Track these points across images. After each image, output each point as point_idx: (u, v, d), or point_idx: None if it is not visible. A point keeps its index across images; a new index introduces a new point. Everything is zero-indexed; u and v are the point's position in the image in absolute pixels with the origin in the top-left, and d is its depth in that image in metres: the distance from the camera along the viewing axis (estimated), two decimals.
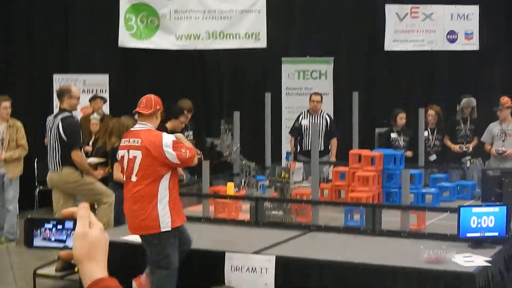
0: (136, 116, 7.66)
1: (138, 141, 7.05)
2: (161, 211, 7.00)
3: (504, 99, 12.19)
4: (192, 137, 11.67)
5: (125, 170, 7.18)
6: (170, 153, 6.94)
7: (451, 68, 15.40)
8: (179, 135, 7.61)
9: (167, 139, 7.04)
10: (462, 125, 12.62)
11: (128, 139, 7.19)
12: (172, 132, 10.70)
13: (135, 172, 7.05)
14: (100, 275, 1.99)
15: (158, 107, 7.25)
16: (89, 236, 2.00)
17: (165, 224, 7.02)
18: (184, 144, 7.18)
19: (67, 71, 14.48)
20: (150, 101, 7.27)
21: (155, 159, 6.97)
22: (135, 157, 7.03)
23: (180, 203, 7.40)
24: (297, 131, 12.49)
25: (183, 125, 10.94)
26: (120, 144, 7.38)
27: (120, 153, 7.26)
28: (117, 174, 9.68)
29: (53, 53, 14.81)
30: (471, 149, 12.44)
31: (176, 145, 7.01)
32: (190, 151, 7.10)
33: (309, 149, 10.50)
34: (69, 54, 14.90)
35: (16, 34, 14.73)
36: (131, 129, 7.39)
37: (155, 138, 7.03)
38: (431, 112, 12.74)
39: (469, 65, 15.25)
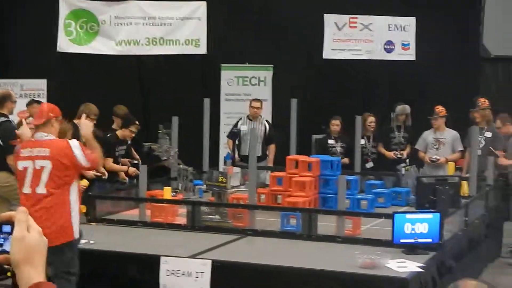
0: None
1: (45, 151, 6.84)
2: (73, 218, 6.87)
3: (439, 108, 12.38)
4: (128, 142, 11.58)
5: (27, 181, 6.90)
6: (80, 156, 6.82)
7: (388, 77, 15.61)
8: (87, 134, 7.40)
9: (74, 142, 6.96)
10: (396, 132, 12.78)
11: (31, 149, 6.94)
12: (121, 141, 10.65)
13: (43, 183, 6.82)
14: (37, 279, 1.96)
15: (51, 114, 7.04)
16: (27, 240, 1.97)
17: (76, 230, 6.92)
18: (88, 148, 7.06)
19: (5, 76, 14.28)
20: (42, 111, 7.14)
21: (66, 167, 6.81)
22: (43, 168, 6.82)
23: None
24: (234, 135, 12.50)
25: (133, 134, 10.87)
26: (20, 155, 7.05)
27: (22, 164, 6.96)
28: None
29: None
30: (405, 156, 12.61)
31: (83, 148, 6.92)
32: (95, 154, 6.99)
33: (247, 154, 10.55)
34: (6, 59, 14.70)
35: None
36: (33, 138, 7.10)
37: (63, 145, 6.90)
38: (372, 119, 12.87)
39: (406, 75, 15.48)
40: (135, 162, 11.35)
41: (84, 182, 9.86)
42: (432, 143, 12.29)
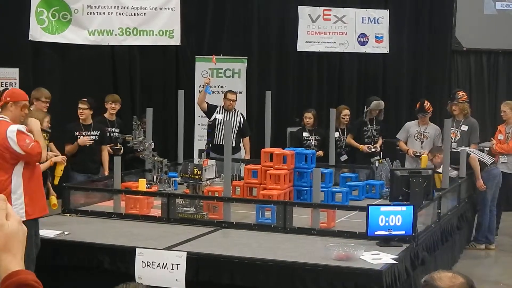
0: None
1: None
2: (14, 202, 6.80)
3: (427, 105, 12.32)
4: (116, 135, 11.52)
5: None
6: (14, 142, 6.83)
7: (361, 70, 15.68)
8: (33, 121, 7.40)
9: (12, 128, 6.92)
10: (369, 125, 12.80)
11: None
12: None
13: None
14: (16, 267, 1.97)
15: (8, 99, 7.09)
16: (6, 228, 1.97)
17: (19, 215, 6.81)
18: (30, 137, 7.00)
19: None
20: (1, 95, 7.20)
21: (2, 149, 6.84)
22: None
23: (42, 196, 7.31)
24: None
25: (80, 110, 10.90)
26: None
27: None
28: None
29: None
30: (379, 149, 12.65)
31: (20, 135, 6.88)
32: (34, 145, 6.94)
33: (222, 143, 10.59)
34: None
35: None
36: None
37: (3, 129, 6.90)
38: (347, 112, 12.89)
39: (379, 68, 15.58)
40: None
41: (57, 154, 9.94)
42: (416, 136, 12.31)
